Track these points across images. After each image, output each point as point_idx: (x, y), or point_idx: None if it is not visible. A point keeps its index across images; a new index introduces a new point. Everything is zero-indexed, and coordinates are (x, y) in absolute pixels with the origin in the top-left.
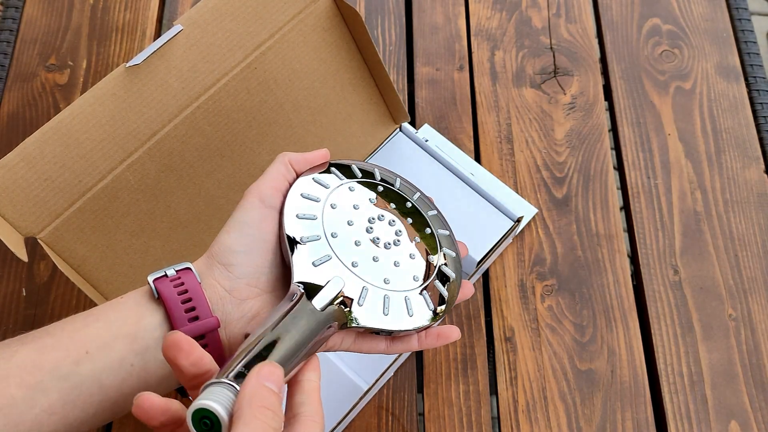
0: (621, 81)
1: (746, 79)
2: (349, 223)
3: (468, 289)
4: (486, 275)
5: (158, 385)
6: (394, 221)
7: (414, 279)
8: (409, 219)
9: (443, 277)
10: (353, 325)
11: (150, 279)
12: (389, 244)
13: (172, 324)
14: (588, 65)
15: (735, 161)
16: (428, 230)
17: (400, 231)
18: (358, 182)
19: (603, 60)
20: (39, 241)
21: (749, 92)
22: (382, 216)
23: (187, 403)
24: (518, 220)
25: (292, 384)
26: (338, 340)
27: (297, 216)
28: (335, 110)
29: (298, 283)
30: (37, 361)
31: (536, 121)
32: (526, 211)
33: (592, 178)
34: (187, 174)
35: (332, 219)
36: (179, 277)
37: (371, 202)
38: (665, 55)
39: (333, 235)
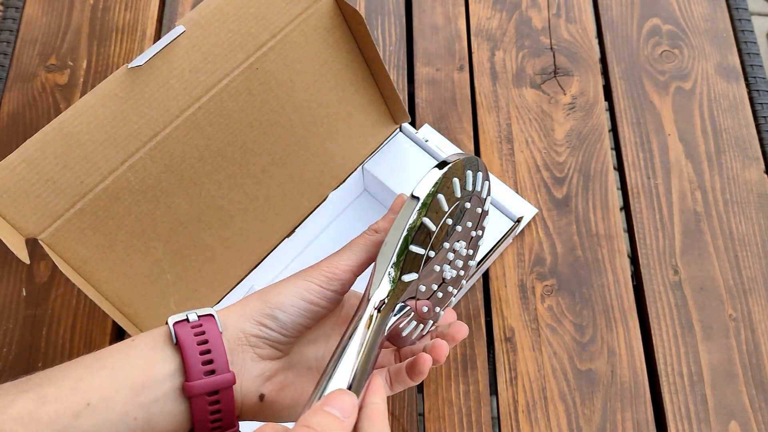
0: (621, 81)
1: (746, 79)
2: (436, 270)
3: (462, 333)
4: (486, 275)
5: None
6: (461, 261)
7: (439, 311)
8: (471, 251)
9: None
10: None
11: (170, 322)
12: (446, 284)
13: (186, 374)
14: (588, 65)
15: (735, 161)
16: (472, 263)
17: (462, 272)
18: (462, 206)
19: (603, 60)
20: (40, 242)
21: (749, 92)
22: (461, 252)
23: None
24: (518, 220)
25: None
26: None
27: (410, 247)
28: (336, 110)
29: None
30: (34, 413)
31: (536, 121)
32: (526, 211)
33: (592, 178)
34: (188, 175)
35: (430, 267)
36: (200, 324)
37: (458, 232)
38: (665, 56)
39: (424, 276)
